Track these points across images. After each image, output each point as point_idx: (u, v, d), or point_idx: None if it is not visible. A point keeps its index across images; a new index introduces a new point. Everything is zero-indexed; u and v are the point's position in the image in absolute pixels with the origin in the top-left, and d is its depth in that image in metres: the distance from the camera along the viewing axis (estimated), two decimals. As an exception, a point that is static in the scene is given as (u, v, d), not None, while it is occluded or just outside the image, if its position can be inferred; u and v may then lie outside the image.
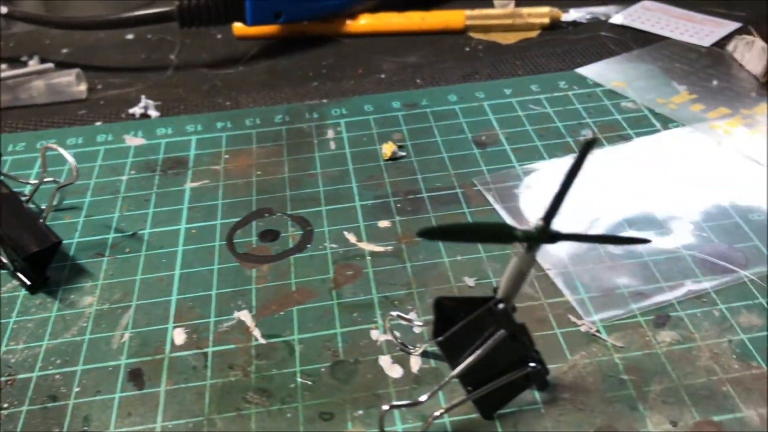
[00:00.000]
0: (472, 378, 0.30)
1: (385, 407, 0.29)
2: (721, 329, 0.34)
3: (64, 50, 0.63)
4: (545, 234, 0.26)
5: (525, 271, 0.28)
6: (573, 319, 0.35)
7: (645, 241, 0.27)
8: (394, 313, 0.33)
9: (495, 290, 0.29)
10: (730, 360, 0.33)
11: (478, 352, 0.29)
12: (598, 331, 0.34)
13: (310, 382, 0.33)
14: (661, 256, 0.38)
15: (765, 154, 0.44)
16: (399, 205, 0.43)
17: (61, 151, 0.38)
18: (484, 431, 0.30)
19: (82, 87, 0.56)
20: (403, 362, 0.34)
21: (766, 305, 0.35)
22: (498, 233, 0.26)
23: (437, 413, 0.30)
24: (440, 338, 0.29)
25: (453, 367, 0.29)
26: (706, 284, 0.36)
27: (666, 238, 0.39)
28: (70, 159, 0.37)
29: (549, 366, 0.32)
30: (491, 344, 0.29)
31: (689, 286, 0.36)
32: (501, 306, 0.28)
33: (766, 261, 0.37)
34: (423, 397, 0.29)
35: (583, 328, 0.34)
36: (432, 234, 0.25)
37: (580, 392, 0.32)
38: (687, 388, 0.32)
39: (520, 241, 0.26)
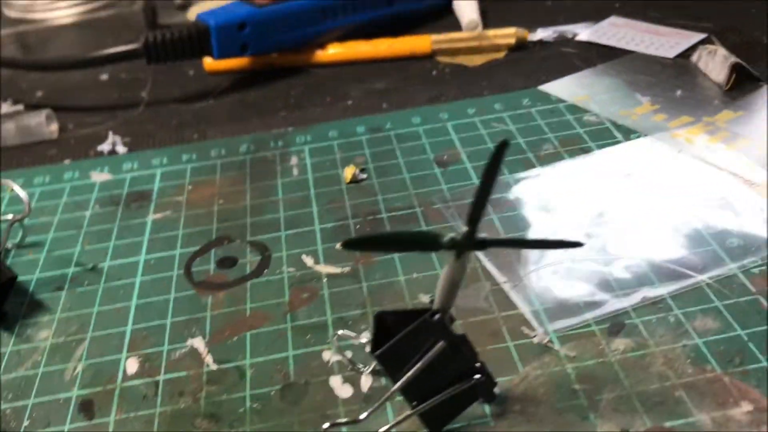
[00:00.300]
0: (417, 393, 0.29)
1: (326, 426, 0.29)
2: (676, 334, 0.33)
3: (39, 93, 0.64)
4: (471, 240, 0.26)
5: (457, 279, 0.27)
6: (526, 331, 0.34)
7: (577, 244, 0.27)
8: (340, 332, 0.33)
9: (432, 301, 0.29)
10: (684, 365, 0.32)
11: (419, 365, 0.28)
12: (551, 341, 0.34)
13: (259, 406, 0.32)
14: (617, 264, 0.37)
15: (728, 161, 0.44)
16: (358, 226, 0.43)
17: (14, 186, 0.38)
18: (432, 447, 0.30)
19: (53, 127, 0.57)
20: (354, 382, 0.33)
21: (721, 308, 0.34)
22: (423, 241, 0.26)
23: (382, 430, 0.29)
24: (378, 352, 0.28)
25: (395, 383, 0.29)
26: (663, 290, 0.36)
27: (623, 245, 0.39)
28: (22, 194, 0.38)
29: (500, 379, 0.32)
30: (431, 356, 0.28)
31: (645, 293, 0.36)
32: (437, 317, 0.28)
33: (722, 264, 0.37)
34: (363, 415, 0.29)
35: (535, 340, 0.34)
36: (355, 245, 0.25)
37: (530, 404, 0.31)
38: (639, 395, 0.31)
39: (446, 248, 0.26)
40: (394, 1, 0.65)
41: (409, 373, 0.28)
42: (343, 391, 0.33)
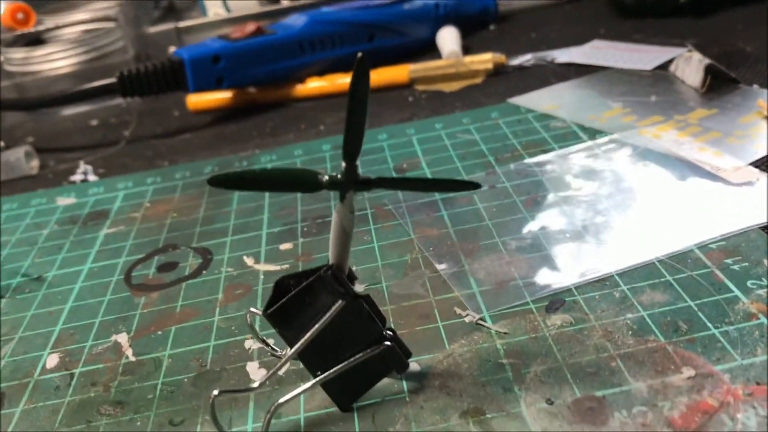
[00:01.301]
0: (320, 362, 0.27)
1: (215, 392, 0.27)
2: (620, 309, 0.31)
3: (30, 138, 0.66)
4: (354, 178, 0.24)
5: (346, 226, 0.26)
6: (458, 311, 0.32)
7: (475, 186, 0.25)
8: (252, 309, 0.31)
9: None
10: (624, 337, 0.29)
11: (317, 326, 0.26)
12: (482, 319, 0.31)
13: (169, 392, 0.31)
14: (564, 245, 0.35)
15: (695, 150, 0.42)
16: (305, 228, 0.41)
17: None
18: (340, 425, 0.27)
19: (34, 163, 0.58)
20: (270, 366, 0.31)
21: (672, 282, 0.31)
22: (300, 180, 0.25)
23: (282, 400, 0.27)
24: (269, 311, 0.27)
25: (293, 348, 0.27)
26: (611, 268, 0.33)
27: (572, 227, 0.36)
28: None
29: (424, 356, 0.30)
30: (329, 317, 0.26)
31: (591, 272, 0.33)
32: (330, 272, 0.26)
33: (679, 242, 0.34)
34: (256, 383, 0.27)
35: (467, 319, 0.32)
36: (223, 182, 0.23)
37: (451, 379, 0.29)
38: (571, 367, 0.28)
39: (326, 188, 0.25)
40: (374, 37, 0.66)
41: (307, 335, 0.26)
42: (258, 375, 0.31)
